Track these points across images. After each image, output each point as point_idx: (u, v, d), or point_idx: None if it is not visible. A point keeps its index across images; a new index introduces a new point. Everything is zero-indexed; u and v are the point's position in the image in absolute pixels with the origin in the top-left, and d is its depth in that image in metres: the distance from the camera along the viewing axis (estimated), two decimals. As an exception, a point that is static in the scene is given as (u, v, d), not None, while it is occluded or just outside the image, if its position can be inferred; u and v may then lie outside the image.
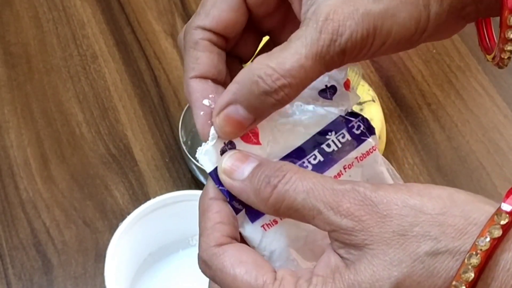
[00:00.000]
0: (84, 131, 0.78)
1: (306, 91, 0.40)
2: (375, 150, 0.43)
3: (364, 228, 0.34)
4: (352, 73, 0.43)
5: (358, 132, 0.43)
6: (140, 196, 0.74)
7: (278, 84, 0.36)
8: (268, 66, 0.36)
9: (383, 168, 0.44)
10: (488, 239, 0.32)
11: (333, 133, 0.42)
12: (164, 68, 0.83)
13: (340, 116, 0.42)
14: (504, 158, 0.77)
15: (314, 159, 0.41)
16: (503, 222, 0.33)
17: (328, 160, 0.41)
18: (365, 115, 0.79)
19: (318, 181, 0.36)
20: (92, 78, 0.82)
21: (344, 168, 0.42)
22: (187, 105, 0.75)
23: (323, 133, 0.42)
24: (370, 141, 0.43)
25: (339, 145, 0.42)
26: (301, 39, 0.36)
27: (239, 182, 0.38)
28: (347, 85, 0.43)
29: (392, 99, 0.81)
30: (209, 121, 0.39)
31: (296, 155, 0.41)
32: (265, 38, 0.44)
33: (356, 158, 0.42)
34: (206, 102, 0.40)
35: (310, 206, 0.35)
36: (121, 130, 0.78)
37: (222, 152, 0.40)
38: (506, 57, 0.38)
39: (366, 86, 0.77)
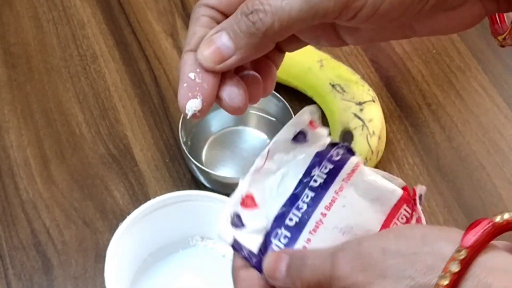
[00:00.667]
0: (84, 131, 0.78)
1: (281, 145, 0.45)
2: (359, 166, 0.46)
3: (355, 282, 0.39)
4: (311, 114, 0.46)
5: (338, 158, 0.46)
6: (140, 196, 0.74)
7: (254, 7, 0.37)
8: None
9: (374, 176, 0.46)
10: (448, 274, 0.35)
11: (316, 168, 0.45)
12: (164, 68, 0.83)
13: (318, 152, 0.46)
14: (504, 158, 0.77)
15: (307, 197, 0.45)
16: (461, 258, 0.35)
17: (319, 193, 0.45)
18: (365, 115, 0.79)
19: (316, 256, 0.41)
20: (92, 78, 0.82)
21: (336, 193, 0.45)
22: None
23: (308, 172, 0.45)
24: (351, 160, 0.46)
25: (324, 176, 0.45)
26: None
27: (281, 279, 0.42)
28: (312, 125, 0.46)
29: (392, 99, 0.81)
30: (189, 94, 0.40)
31: (290, 201, 0.45)
32: None
33: (343, 180, 0.45)
34: (191, 75, 0.40)
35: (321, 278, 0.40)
36: (121, 130, 0.78)
37: (233, 224, 0.45)
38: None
39: (366, 86, 0.77)
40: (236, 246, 0.45)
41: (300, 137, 0.46)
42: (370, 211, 0.45)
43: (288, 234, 0.44)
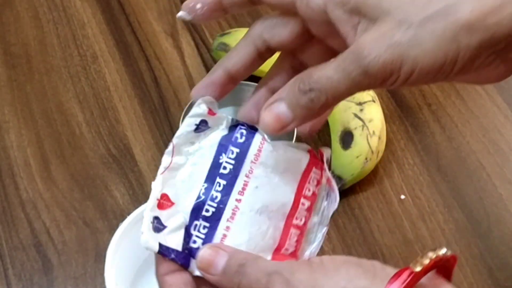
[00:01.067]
0: (84, 132, 0.78)
1: (185, 138, 0.47)
2: (263, 143, 0.47)
3: None
4: (207, 104, 0.48)
5: (242, 139, 0.47)
6: (140, 197, 0.74)
7: (310, 86, 0.42)
8: (307, 74, 0.43)
9: (280, 149, 0.47)
10: None
11: (223, 154, 0.47)
12: (164, 68, 0.83)
13: (222, 136, 0.47)
14: (504, 159, 0.77)
15: (219, 186, 0.46)
16: None
17: (230, 180, 0.46)
18: (365, 116, 0.79)
19: (254, 270, 0.45)
20: (92, 79, 0.82)
21: (247, 176, 0.46)
22: (187, 105, 0.75)
23: (216, 161, 0.47)
24: (255, 140, 0.47)
25: (233, 162, 0.47)
26: (335, 60, 0.42)
27: (215, 276, 0.45)
28: (210, 113, 0.48)
29: (392, 99, 0.81)
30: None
31: (204, 192, 0.46)
32: (276, 54, 0.50)
33: (252, 161, 0.47)
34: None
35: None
36: (121, 130, 0.78)
37: (155, 230, 0.46)
38: None
39: (366, 86, 0.76)
40: (163, 251, 0.46)
41: (202, 126, 0.48)
42: (282, 184, 0.47)
43: (207, 224, 0.46)
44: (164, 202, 0.46)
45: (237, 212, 0.46)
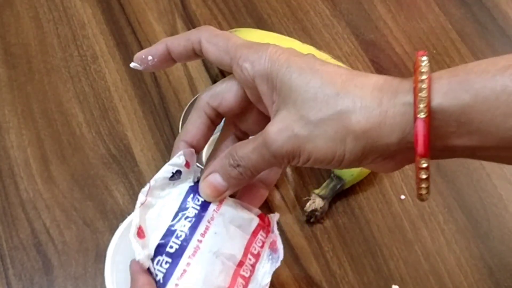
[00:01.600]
0: (84, 132, 0.78)
1: (160, 182, 0.54)
2: (224, 198, 0.54)
3: None
4: (187, 156, 0.55)
5: None
6: (140, 197, 0.74)
7: (237, 162, 0.51)
8: (234, 151, 0.51)
9: (236, 207, 0.55)
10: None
11: (190, 201, 0.54)
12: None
13: (190, 186, 0.55)
14: (504, 159, 0.77)
15: (184, 226, 0.52)
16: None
17: (195, 222, 0.53)
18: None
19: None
20: (93, 79, 0.82)
21: (209, 222, 0.53)
22: (187, 106, 0.75)
23: (183, 205, 0.54)
24: None
25: (198, 208, 0.54)
26: (253, 141, 0.50)
27: None
28: (187, 165, 0.55)
29: (392, 99, 0.81)
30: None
31: (170, 231, 0.52)
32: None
33: (214, 210, 0.54)
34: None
35: None
36: (121, 130, 0.79)
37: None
38: (424, 193, 0.46)
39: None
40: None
41: (176, 176, 0.55)
42: (237, 236, 0.54)
43: (169, 260, 0.51)
44: (140, 232, 0.52)
45: (198, 251, 0.52)
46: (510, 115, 0.42)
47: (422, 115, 0.44)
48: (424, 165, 0.45)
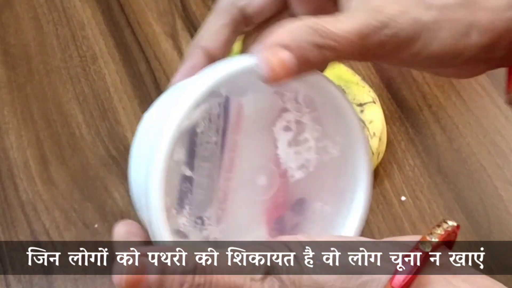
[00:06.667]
0: (84, 133, 0.78)
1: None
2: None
3: None
4: None
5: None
6: (140, 198, 0.74)
7: (326, 42, 0.38)
8: (323, 26, 0.38)
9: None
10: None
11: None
12: (164, 69, 0.83)
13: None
14: (505, 160, 0.77)
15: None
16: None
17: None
18: (366, 117, 0.79)
19: None
20: (92, 80, 0.82)
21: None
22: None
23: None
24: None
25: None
26: (353, 18, 0.39)
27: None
28: None
29: (392, 100, 0.81)
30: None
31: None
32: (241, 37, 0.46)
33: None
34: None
35: None
36: (121, 131, 0.78)
37: None
38: None
39: (367, 87, 0.76)
40: None
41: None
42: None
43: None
44: None
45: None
46: None
47: None
48: None
